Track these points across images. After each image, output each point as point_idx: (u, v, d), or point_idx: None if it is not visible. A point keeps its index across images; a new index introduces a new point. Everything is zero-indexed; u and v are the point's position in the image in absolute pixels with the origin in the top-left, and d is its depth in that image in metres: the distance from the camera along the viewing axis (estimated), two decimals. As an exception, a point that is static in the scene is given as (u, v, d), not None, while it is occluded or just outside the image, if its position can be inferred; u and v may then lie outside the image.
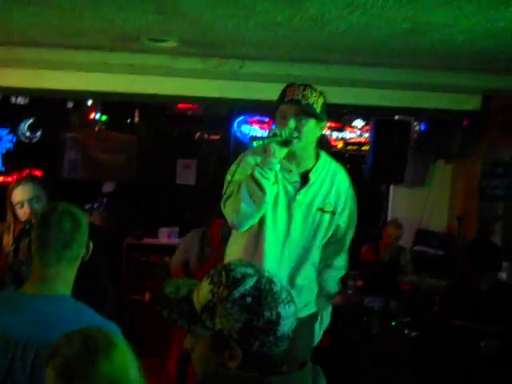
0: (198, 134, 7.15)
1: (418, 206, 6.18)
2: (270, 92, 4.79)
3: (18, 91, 5.46)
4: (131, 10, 3.02)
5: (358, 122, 6.51)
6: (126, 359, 1.33)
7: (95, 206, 6.11)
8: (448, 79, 4.35)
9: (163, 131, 7.16)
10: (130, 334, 1.86)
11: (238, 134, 6.75)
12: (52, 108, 6.39)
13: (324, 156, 2.68)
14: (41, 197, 2.94)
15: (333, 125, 6.55)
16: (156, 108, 6.87)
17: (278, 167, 2.44)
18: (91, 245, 1.98)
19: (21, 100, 6.32)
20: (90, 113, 6.66)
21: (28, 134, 6.42)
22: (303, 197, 2.57)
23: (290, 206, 2.57)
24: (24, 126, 6.40)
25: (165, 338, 4.60)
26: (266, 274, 1.35)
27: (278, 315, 1.28)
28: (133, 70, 4.40)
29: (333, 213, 2.64)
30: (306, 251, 2.65)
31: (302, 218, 2.60)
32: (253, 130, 6.77)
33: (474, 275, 3.77)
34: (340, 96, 4.73)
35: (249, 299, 1.28)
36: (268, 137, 2.42)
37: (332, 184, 2.64)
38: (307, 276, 2.70)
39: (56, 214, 1.89)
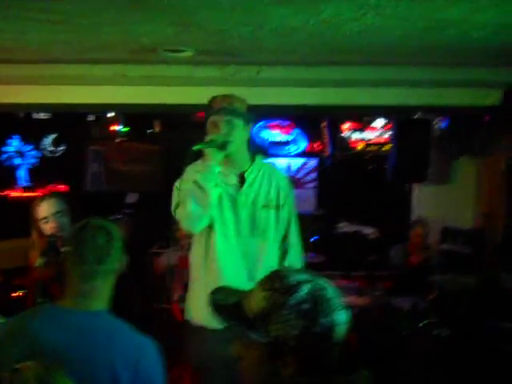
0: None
1: (442, 204, 6.12)
2: (288, 96, 4.85)
3: (41, 107, 5.55)
4: (148, 23, 3.07)
5: (379, 122, 6.48)
6: None
7: (119, 217, 6.18)
8: (466, 75, 4.30)
9: (184, 140, 7.21)
10: (160, 343, 1.88)
11: (258, 139, 6.77)
12: (74, 122, 6.49)
13: (259, 159, 2.93)
14: (65, 211, 2.97)
15: (353, 126, 6.53)
16: (176, 117, 6.92)
17: (217, 170, 2.68)
18: (125, 258, 1.99)
19: (43, 115, 6.43)
20: (112, 125, 6.75)
21: (51, 148, 6.54)
22: (245, 197, 2.79)
23: (234, 207, 2.78)
24: (47, 142, 6.52)
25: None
26: (320, 281, 1.34)
27: (333, 322, 1.28)
28: (152, 82, 4.46)
29: (277, 207, 2.85)
30: (261, 249, 2.82)
31: (249, 217, 2.79)
32: (273, 134, 6.80)
33: (504, 276, 3.74)
34: (359, 97, 4.73)
35: (305, 306, 1.27)
36: (205, 143, 2.67)
37: (270, 182, 2.87)
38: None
39: (90, 229, 1.90)
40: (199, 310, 2.79)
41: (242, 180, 2.81)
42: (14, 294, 4.75)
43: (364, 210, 6.65)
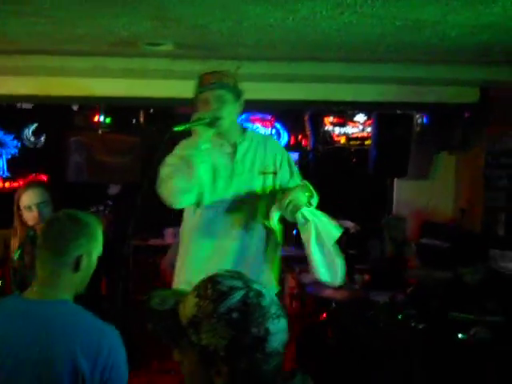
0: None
1: (423, 199, 6.18)
2: (269, 91, 4.85)
3: (21, 99, 5.52)
4: (126, 17, 3.06)
5: (360, 117, 6.50)
6: None
7: (101, 208, 6.16)
8: (446, 73, 4.35)
9: (167, 132, 7.18)
10: (140, 335, 1.87)
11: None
12: (56, 112, 6.42)
13: (251, 130, 2.94)
14: (48, 202, 2.97)
15: (335, 120, 6.55)
16: (160, 109, 6.89)
17: (205, 147, 2.60)
18: (94, 256, 1.95)
19: (25, 105, 6.36)
20: (94, 115, 6.69)
21: (32, 139, 6.50)
22: (242, 164, 2.75)
23: (231, 176, 2.73)
24: (28, 132, 6.47)
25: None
26: (255, 287, 1.27)
27: (267, 331, 1.22)
28: (132, 74, 4.45)
29: (274, 173, 2.80)
30: (253, 215, 2.77)
31: (248, 184, 2.75)
32: (255, 127, 6.80)
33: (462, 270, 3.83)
34: (339, 93, 4.76)
35: (235, 314, 1.21)
36: (192, 121, 2.60)
37: (265, 149, 2.81)
38: (259, 239, 2.81)
39: (59, 218, 1.93)
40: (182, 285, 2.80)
41: (235, 150, 2.76)
42: (-7, 285, 4.75)
43: (345, 204, 6.68)
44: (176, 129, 2.54)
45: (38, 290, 1.86)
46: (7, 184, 6.34)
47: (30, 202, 2.93)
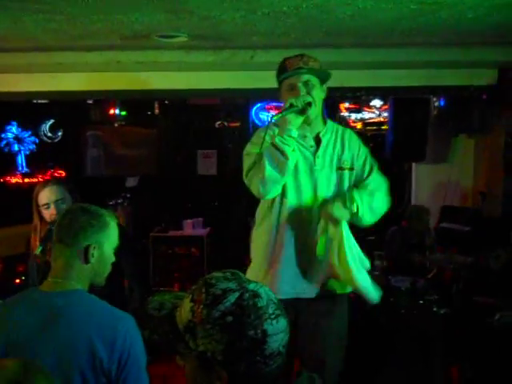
0: (217, 123, 7.18)
1: (441, 183, 6.13)
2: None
3: (37, 95, 5.54)
4: (139, 11, 3.06)
5: (376, 102, 6.45)
6: None
7: (119, 201, 6.20)
8: (462, 55, 4.28)
9: (183, 123, 7.20)
10: None
11: (257, 121, 6.75)
12: (72, 106, 6.46)
13: (331, 121, 2.82)
14: (66, 198, 2.99)
15: (351, 106, 6.50)
16: (175, 100, 6.89)
17: (295, 134, 2.52)
18: (106, 247, 1.97)
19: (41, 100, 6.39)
20: (110, 109, 6.71)
21: (50, 134, 6.53)
22: (322, 159, 2.68)
23: (311, 170, 2.67)
24: (45, 127, 6.51)
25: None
26: (251, 288, 1.23)
27: (264, 333, 1.18)
28: (146, 67, 4.45)
29: (351, 169, 2.74)
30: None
31: (326, 180, 2.69)
32: (270, 116, 6.76)
33: (485, 254, 3.80)
34: (354, 79, 4.72)
35: (229, 318, 1.17)
36: (286, 109, 2.51)
37: (343, 143, 2.75)
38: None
39: (71, 211, 1.97)
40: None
41: (317, 142, 2.69)
42: (16, 281, 4.82)
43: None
44: (275, 118, 2.52)
45: (52, 282, 1.90)
46: (26, 180, 6.40)
47: (47, 200, 2.95)
